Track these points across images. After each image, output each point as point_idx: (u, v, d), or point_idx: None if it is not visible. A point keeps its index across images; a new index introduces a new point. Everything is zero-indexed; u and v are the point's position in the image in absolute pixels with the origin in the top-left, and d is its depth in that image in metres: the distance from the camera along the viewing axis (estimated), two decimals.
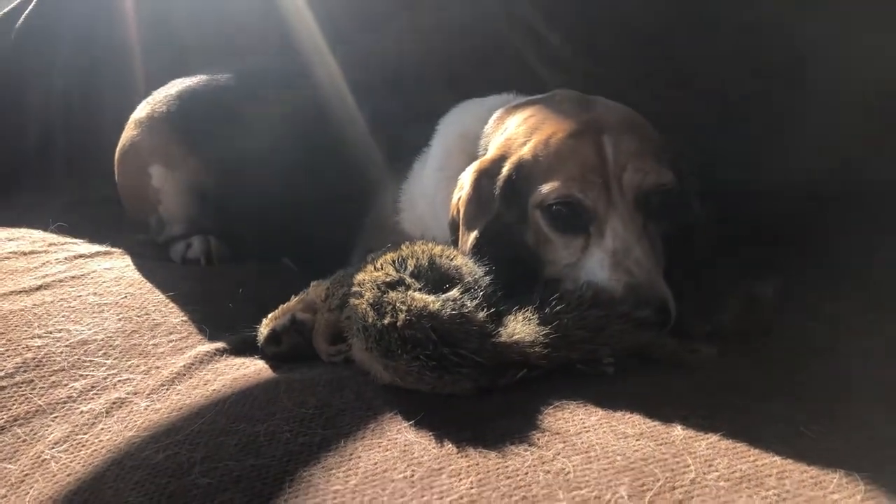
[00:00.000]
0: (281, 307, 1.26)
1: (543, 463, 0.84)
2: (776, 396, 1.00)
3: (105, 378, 1.15)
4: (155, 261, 1.73)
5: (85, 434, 1.01)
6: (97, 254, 1.70)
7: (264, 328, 1.23)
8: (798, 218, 1.56)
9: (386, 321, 1.02)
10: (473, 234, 1.22)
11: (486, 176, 1.26)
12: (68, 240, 1.81)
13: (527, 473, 0.82)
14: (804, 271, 1.47)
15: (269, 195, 1.74)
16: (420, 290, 1.06)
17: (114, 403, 1.08)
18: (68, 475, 0.92)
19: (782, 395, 1.00)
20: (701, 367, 1.09)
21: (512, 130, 1.32)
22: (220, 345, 1.27)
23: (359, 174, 1.59)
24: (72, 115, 2.59)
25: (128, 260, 1.68)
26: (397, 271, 1.10)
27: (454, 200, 1.29)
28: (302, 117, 1.73)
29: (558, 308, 1.06)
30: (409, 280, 1.08)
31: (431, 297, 1.03)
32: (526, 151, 1.25)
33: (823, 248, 1.53)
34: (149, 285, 1.50)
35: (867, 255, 1.48)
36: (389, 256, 1.14)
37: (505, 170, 1.25)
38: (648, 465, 0.83)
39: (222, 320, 1.36)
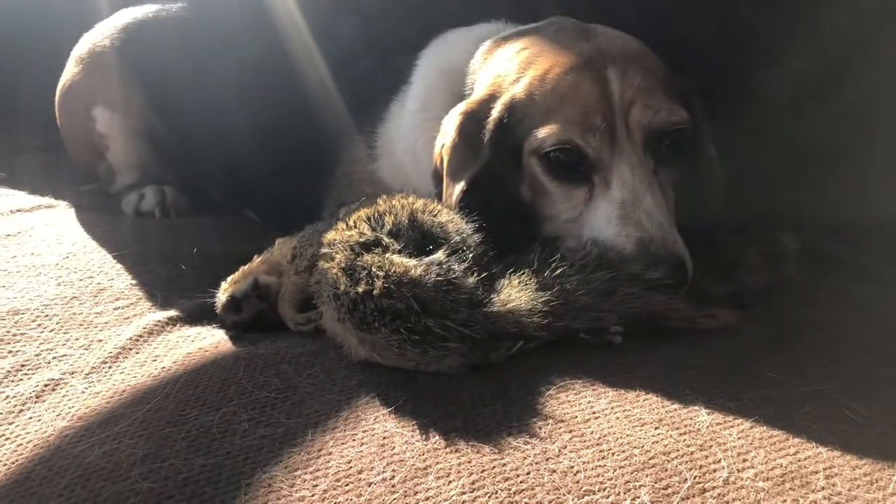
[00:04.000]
0: (242, 269, 1.12)
1: (548, 459, 0.71)
2: (809, 368, 0.88)
3: (38, 355, 1.00)
4: (104, 214, 1.57)
5: (10, 424, 0.86)
6: (38, 207, 1.53)
7: (223, 293, 1.09)
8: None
9: (360, 289, 0.88)
10: (460, 186, 1.07)
11: (473, 119, 1.10)
12: (6, 191, 1.63)
13: (528, 473, 0.69)
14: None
15: (230, 141, 1.58)
16: (399, 251, 0.92)
17: (46, 386, 0.93)
18: None
19: (816, 367, 0.88)
20: (721, 335, 0.96)
21: (503, 65, 1.15)
22: (172, 313, 1.12)
23: (328, 118, 1.42)
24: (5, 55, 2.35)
25: (72, 214, 1.51)
26: (373, 230, 0.96)
27: (437, 148, 1.14)
28: (263, 53, 1.55)
29: (559, 270, 0.92)
30: (386, 240, 0.93)
31: (413, 261, 0.89)
32: (519, 90, 1.09)
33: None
34: (94, 243, 1.34)
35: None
36: (364, 213, 0.99)
37: (495, 112, 1.09)
38: (672, 461, 0.70)
39: (176, 284, 1.22)
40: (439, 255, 0.91)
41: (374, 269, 0.88)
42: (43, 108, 1.89)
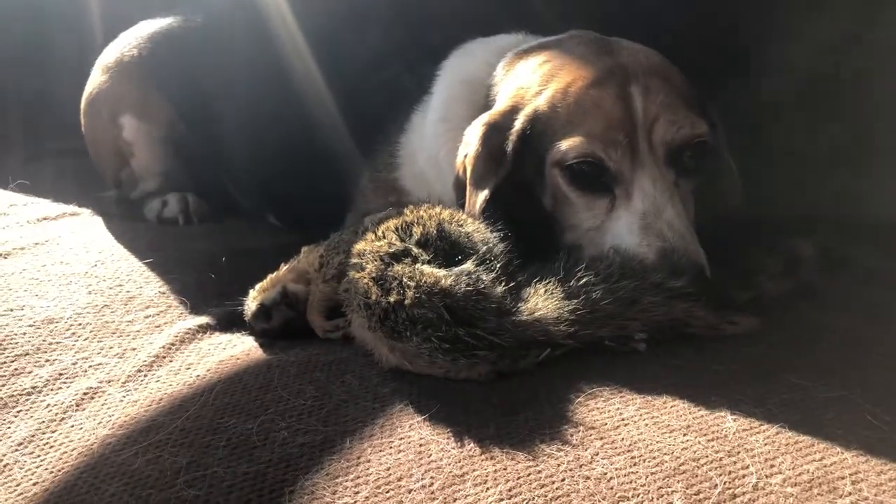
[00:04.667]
0: (270, 277, 1.14)
1: (581, 466, 0.73)
2: (830, 373, 0.90)
3: (74, 363, 1.02)
4: (127, 221, 1.59)
5: (53, 432, 0.88)
6: (63, 215, 1.55)
7: (252, 301, 1.11)
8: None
9: (392, 299, 0.90)
10: (483, 195, 1.09)
11: (496, 130, 1.12)
12: (31, 199, 1.66)
13: (563, 480, 0.72)
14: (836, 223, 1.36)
15: (253, 148, 1.60)
16: (429, 262, 0.94)
17: (85, 394, 0.95)
18: (34, 483, 0.80)
19: (836, 372, 0.90)
20: (741, 340, 0.98)
21: (525, 78, 1.17)
22: (202, 320, 1.14)
23: (350, 126, 1.44)
24: (21, 62, 2.37)
25: (97, 221, 1.54)
26: (402, 240, 0.98)
27: (460, 158, 1.16)
28: (288, 63, 1.56)
29: (585, 280, 0.94)
30: (415, 251, 0.96)
31: (443, 271, 0.91)
32: (542, 102, 1.11)
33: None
34: (121, 251, 1.36)
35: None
36: (392, 223, 1.01)
37: (518, 123, 1.11)
38: (702, 467, 0.72)
39: (204, 291, 1.24)
40: (468, 265, 0.93)
41: (405, 280, 0.90)
42: (62, 113, 1.91)
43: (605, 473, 0.72)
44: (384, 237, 0.99)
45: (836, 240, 1.26)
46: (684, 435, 0.77)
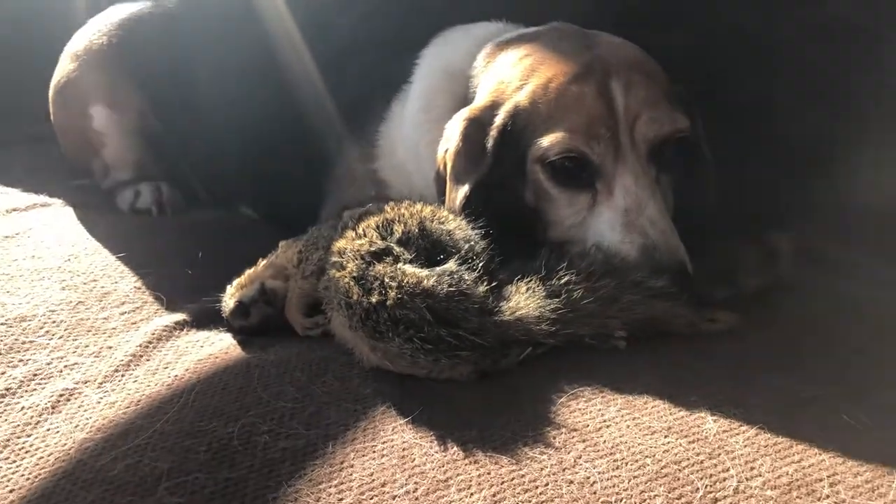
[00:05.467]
0: (247, 273, 1.12)
1: (564, 470, 0.74)
2: (807, 372, 0.91)
3: (49, 363, 1.00)
4: (100, 212, 1.56)
5: (28, 436, 0.86)
6: (34, 206, 1.52)
7: (230, 298, 1.09)
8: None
9: (374, 299, 0.89)
10: (463, 190, 1.09)
11: (476, 125, 1.11)
12: None
13: (547, 485, 0.72)
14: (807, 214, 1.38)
15: (226, 138, 1.57)
16: (410, 261, 0.94)
17: (61, 396, 0.93)
18: (10, 490, 0.78)
19: (813, 371, 0.91)
20: (720, 338, 0.99)
21: (506, 72, 1.16)
22: (179, 317, 1.12)
23: (325, 115, 1.42)
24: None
25: (69, 212, 1.51)
26: (383, 238, 0.97)
27: (440, 153, 1.15)
28: (261, 48, 1.54)
29: (566, 278, 0.94)
30: (397, 249, 0.95)
31: (425, 272, 0.91)
32: (523, 97, 1.10)
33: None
34: (94, 244, 1.34)
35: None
36: (373, 221, 1.00)
37: (499, 119, 1.11)
38: (683, 470, 0.73)
39: (179, 286, 1.22)
40: (451, 264, 0.93)
41: (386, 280, 0.90)
42: (30, 100, 1.86)
43: (589, 477, 0.73)
44: (365, 235, 0.98)
45: (814, 234, 1.27)
46: (665, 437, 0.78)
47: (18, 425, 0.88)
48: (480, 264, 0.95)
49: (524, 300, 0.93)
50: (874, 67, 1.41)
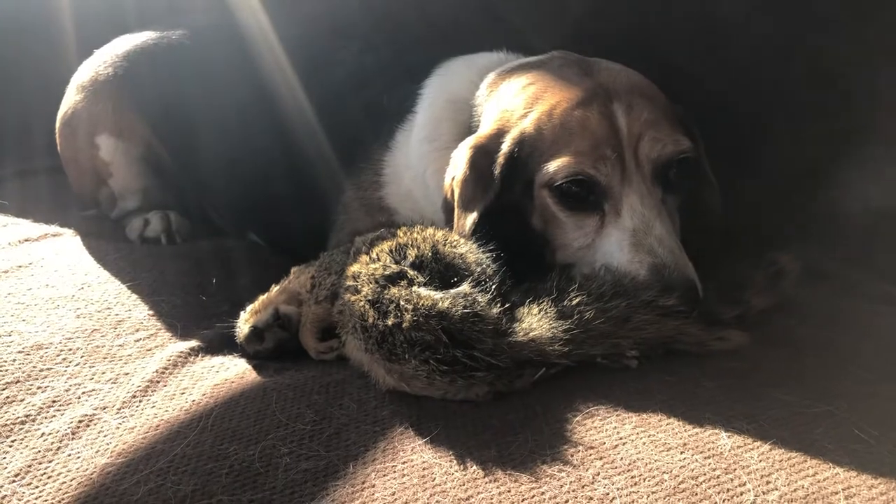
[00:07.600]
0: (261, 299, 1.14)
1: (583, 487, 0.75)
2: (815, 388, 0.92)
3: (67, 390, 1.01)
4: (110, 241, 1.57)
5: (50, 462, 0.88)
6: (45, 236, 1.53)
7: (244, 324, 1.11)
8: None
9: (390, 322, 0.91)
10: (472, 217, 1.11)
11: (483, 153, 1.14)
12: (10, 220, 1.63)
13: (567, 501, 0.73)
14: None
15: (232, 166, 1.59)
16: (424, 284, 0.95)
17: (80, 422, 0.94)
18: None
19: (821, 388, 0.93)
20: (728, 356, 1.01)
21: (510, 100, 1.19)
22: (193, 343, 1.14)
23: (332, 145, 1.45)
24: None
25: (80, 242, 1.52)
26: (397, 262, 0.99)
27: (447, 181, 1.17)
28: (267, 79, 1.56)
29: (578, 299, 0.96)
30: (410, 273, 0.97)
31: (439, 294, 0.92)
32: (528, 125, 1.13)
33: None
34: (106, 273, 1.35)
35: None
36: (386, 245, 1.02)
37: (505, 146, 1.13)
38: (701, 486, 0.74)
39: (193, 312, 1.24)
40: (464, 287, 0.94)
41: (401, 303, 0.91)
42: (41, 130, 1.88)
43: (608, 494, 0.74)
44: (378, 259, 1.00)
45: (815, 253, 1.29)
46: (681, 453, 0.79)
47: (39, 451, 0.89)
48: (493, 286, 0.96)
49: (536, 321, 0.94)
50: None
